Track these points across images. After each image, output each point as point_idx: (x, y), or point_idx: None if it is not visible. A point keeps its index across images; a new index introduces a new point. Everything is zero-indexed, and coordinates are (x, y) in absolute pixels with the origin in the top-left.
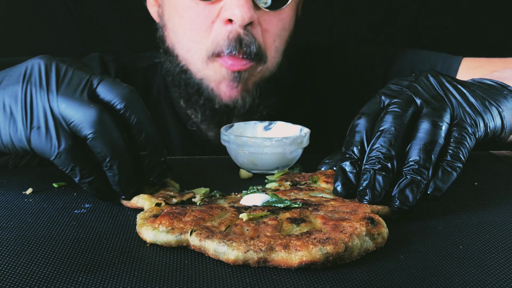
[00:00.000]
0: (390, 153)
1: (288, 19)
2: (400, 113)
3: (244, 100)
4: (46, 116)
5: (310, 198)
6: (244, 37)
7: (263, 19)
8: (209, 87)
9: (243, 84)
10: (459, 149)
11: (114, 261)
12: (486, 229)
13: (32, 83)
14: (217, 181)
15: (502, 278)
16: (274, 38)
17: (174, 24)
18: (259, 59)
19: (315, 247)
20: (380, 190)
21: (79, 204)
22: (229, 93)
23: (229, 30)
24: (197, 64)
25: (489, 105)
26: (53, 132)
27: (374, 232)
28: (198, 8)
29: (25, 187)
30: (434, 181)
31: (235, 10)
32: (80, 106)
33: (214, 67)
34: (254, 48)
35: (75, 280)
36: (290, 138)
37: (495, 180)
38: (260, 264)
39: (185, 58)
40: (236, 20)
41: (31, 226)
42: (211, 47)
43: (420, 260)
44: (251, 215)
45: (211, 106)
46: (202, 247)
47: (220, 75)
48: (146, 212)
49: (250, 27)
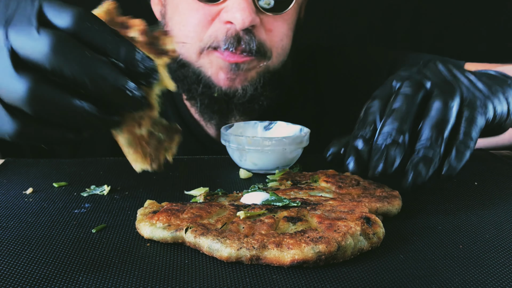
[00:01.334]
0: (402, 128)
1: (292, 20)
2: (411, 94)
3: (244, 90)
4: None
5: (310, 197)
6: (244, 36)
7: (266, 21)
8: (207, 75)
9: (242, 75)
10: (471, 128)
11: (114, 260)
12: (486, 229)
13: None
14: (217, 181)
15: (502, 278)
16: (281, 37)
17: (174, 22)
18: (261, 55)
19: (307, 246)
20: (392, 162)
21: (79, 204)
22: (227, 82)
23: (227, 28)
24: (192, 56)
25: (495, 91)
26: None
27: (369, 232)
28: (198, 7)
29: (25, 187)
30: (448, 161)
31: (236, 13)
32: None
33: (209, 58)
34: (254, 45)
35: (75, 279)
36: (290, 138)
37: (495, 180)
38: (253, 261)
39: (181, 53)
40: (236, 23)
41: (31, 226)
42: (208, 40)
43: (420, 259)
44: (248, 213)
45: (209, 94)
46: (196, 244)
47: (217, 65)
48: (146, 208)
49: (252, 28)
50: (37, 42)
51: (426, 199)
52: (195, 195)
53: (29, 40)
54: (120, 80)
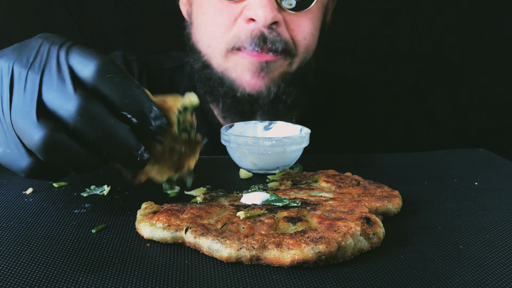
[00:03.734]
0: None
1: (316, 19)
2: None
3: (268, 90)
4: None
5: (310, 198)
6: (269, 35)
7: (289, 19)
8: (230, 78)
9: (269, 74)
10: None
11: (114, 260)
12: (486, 229)
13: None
14: (218, 181)
15: (502, 278)
16: (304, 36)
17: (199, 21)
18: (287, 53)
19: (307, 246)
20: None
21: (79, 204)
22: (253, 83)
23: (252, 28)
24: (218, 58)
25: None
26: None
27: (369, 232)
28: (222, 6)
29: (25, 187)
30: None
31: (258, 10)
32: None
33: (234, 60)
34: (280, 44)
35: (75, 280)
36: (290, 138)
37: (495, 180)
38: (253, 262)
39: (206, 53)
40: (258, 20)
41: (31, 226)
42: (232, 41)
43: (420, 260)
44: (248, 213)
45: (232, 94)
46: (196, 244)
47: (242, 67)
48: (146, 208)
49: (276, 26)
50: (68, 102)
51: (426, 199)
52: (195, 195)
53: (60, 98)
54: (134, 146)
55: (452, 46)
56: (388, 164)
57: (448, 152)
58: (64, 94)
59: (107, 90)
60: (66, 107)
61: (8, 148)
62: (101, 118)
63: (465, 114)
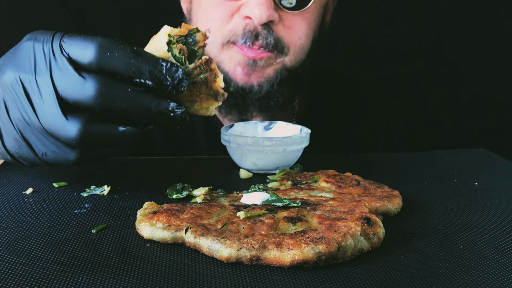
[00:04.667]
0: None
1: (313, 20)
2: None
3: (260, 86)
4: None
5: (310, 198)
6: (261, 31)
7: (286, 18)
8: (225, 70)
9: (259, 71)
10: None
11: (114, 260)
12: (486, 229)
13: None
14: (218, 181)
15: (502, 278)
16: (299, 35)
17: (197, 17)
18: (279, 51)
19: (307, 246)
20: None
21: (79, 204)
22: (244, 78)
23: (246, 23)
24: (214, 50)
25: None
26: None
27: (369, 232)
28: (220, 2)
29: (25, 187)
30: None
31: (254, 8)
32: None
33: (228, 53)
34: (271, 40)
35: (75, 280)
36: (290, 138)
37: (495, 180)
38: (253, 262)
39: None
40: (254, 18)
41: (31, 226)
42: (228, 35)
43: (420, 260)
44: (248, 213)
45: (226, 87)
46: (196, 244)
47: (235, 60)
48: (146, 208)
49: (270, 24)
50: (84, 90)
51: (426, 199)
52: (195, 195)
53: (76, 89)
54: (161, 104)
55: (452, 46)
56: (388, 164)
57: (448, 152)
58: (77, 84)
59: (113, 66)
60: (85, 95)
61: (49, 151)
62: (119, 91)
63: (465, 114)
